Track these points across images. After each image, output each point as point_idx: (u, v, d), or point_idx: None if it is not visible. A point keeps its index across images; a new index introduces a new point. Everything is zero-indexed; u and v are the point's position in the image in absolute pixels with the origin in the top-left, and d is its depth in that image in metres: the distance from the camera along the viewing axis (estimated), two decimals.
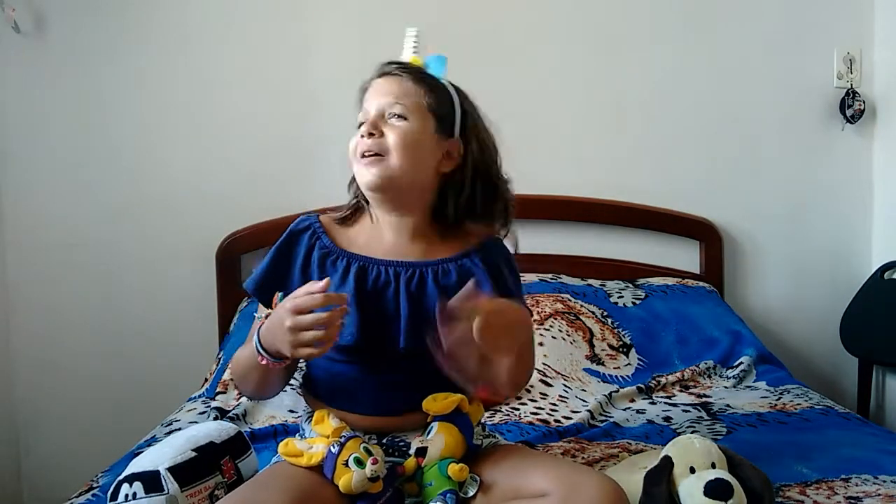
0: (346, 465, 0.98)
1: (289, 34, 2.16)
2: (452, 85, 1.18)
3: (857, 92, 2.22)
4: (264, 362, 1.04)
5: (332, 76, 2.13)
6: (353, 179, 1.16)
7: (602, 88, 2.24)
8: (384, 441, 1.08)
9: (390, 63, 1.15)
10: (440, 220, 1.15)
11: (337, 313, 0.98)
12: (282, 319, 0.98)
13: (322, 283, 0.98)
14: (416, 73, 1.14)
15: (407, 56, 1.17)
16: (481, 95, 2.32)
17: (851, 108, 2.22)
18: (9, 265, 2.15)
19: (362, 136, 1.10)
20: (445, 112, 1.14)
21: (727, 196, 2.26)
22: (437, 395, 1.06)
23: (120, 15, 2.13)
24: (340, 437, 1.01)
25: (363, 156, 1.09)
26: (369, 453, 0.99)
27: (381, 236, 1.14)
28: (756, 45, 2.24)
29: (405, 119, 1.10)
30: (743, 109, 2.26)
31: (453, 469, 1.00)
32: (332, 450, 0.99)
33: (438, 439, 1.03)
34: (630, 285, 2.11)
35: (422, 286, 1.09)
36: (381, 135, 1.09)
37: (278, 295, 1.12)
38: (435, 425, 1.05)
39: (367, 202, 1.16)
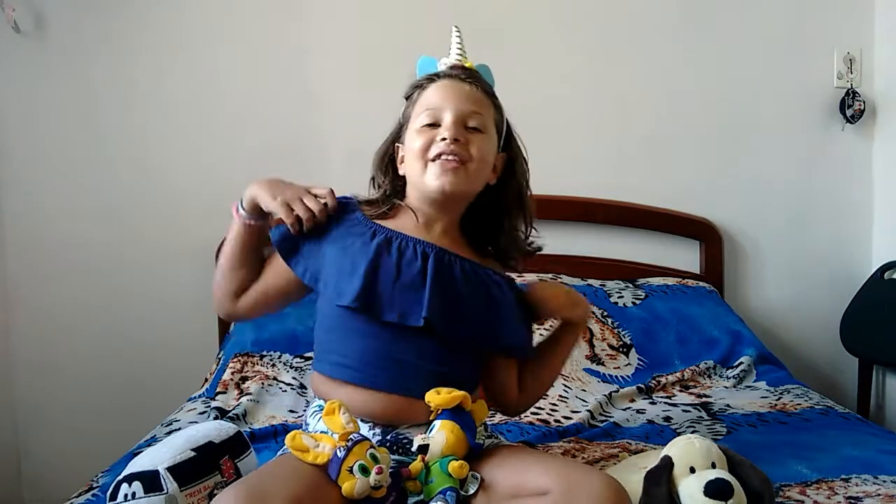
0: (351, 471, 0.97)
1: (288, 34, 2.16)
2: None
3: (857, 92, 2.23)
4: (237, 214, 1.15)
5: (331, 76, 2.14)
6: (384, 178, 1.20)
7: (602, 88, 2.24)
8: (388, 438, 1.08)
9: (462, 68, 1.16)
10: (468, 230, 1.20)
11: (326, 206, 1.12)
12: (295, 186, 1.14)
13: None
14: (486, 85, 1.17)
15: (455, 57, 1.18)
16: None
17: (851, 108, 2.22)
18: (8, 265, 2.15)
19: (444, 140, 1.09)
20: (502, 126, 1.20)
21: (727, 196, 2.26)
22: (441, 388, 1.06)
23: (119, 15, 2.13)
24: (347, 441, 1.00)
25: (442, 158, 1.10)
26: (375, 460, 0.99)
27: (413, 225, 1.16)
28: (756, 45, 2.25)
29: (482, 132, 1.13)
30: (743, 109, 2.26)
31: (453, 466, 1.00)
32: (339, 454, 0.98)
33: (440, 437, 1.03)
34: (630, 285, 2.11)
35: (449, 269, 1.11)
36: (466, 142, 1.11)
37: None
38: (437, 423, 1.05)
39: (400, 199, 1.19)
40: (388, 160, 1.20)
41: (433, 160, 1.10)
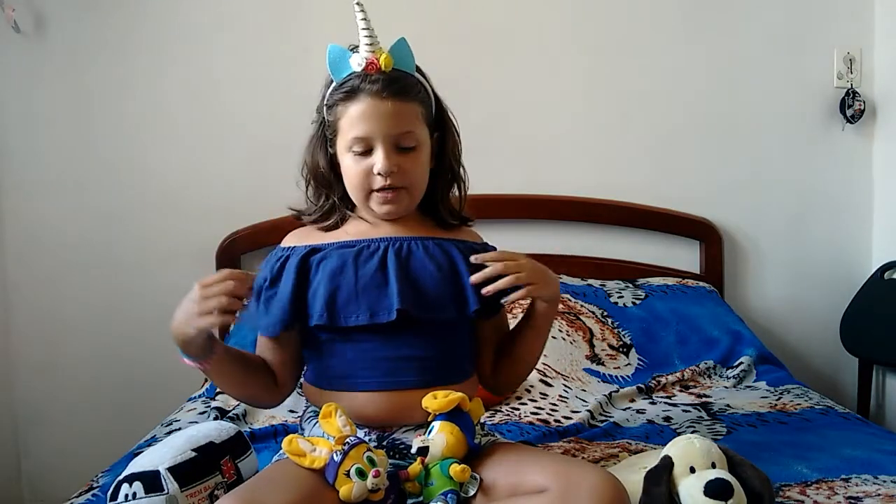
0: (348, 475, 0.97)
1: (288, 34, 2.16)
2: (421, 73, 1.15)
3: (857, 92, 2.22)
4: (186, 362, 1.07)
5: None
6: (332, 186, 1.16)
7: (602, 88, 2.24)
8: (384, 444, 1.07)
9: (381, 75, 1.08)
10: (432, 214, 1.19)
11: (239, 285, 1.02)
12: (188, 296, 1.02)
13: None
14: (413, 89, 1.11)
15: (365, 51, 1.09)
16: (482, 95, 2.33)
17: (851, 108, 2.22)
18: (8, 265, 2.15)
19: (380, 175, 1.08)
20: (431, 114, 1.15)
21: (727, 196, 2.26)
22: (438, 392, 1.06)
23: (119, 15, 2.13)
24: (344, 445, 0.99)
25: (383, 192, 1.09)
26: (372, 463, 0.98)
27: (368, 227, 1.15)
28: (756, 45, 2.24)
29: (416, 148, 1.10)
30: (743, 109, 2.26)
31: (455, 470, 1.00)
32: (335, 458, 0.98)
33: (440, 439, 1.03)
34: (630, 285, 2.11)
35: (407, 253, 1.11)
36: (402, 170, 1.09)
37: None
38: (436, 424, 1.05)
39: (348, 206, 1.17)
40: (329, 171, 1.16)
41: (374, 191, 1.10)
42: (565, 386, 1.75)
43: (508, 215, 2.13)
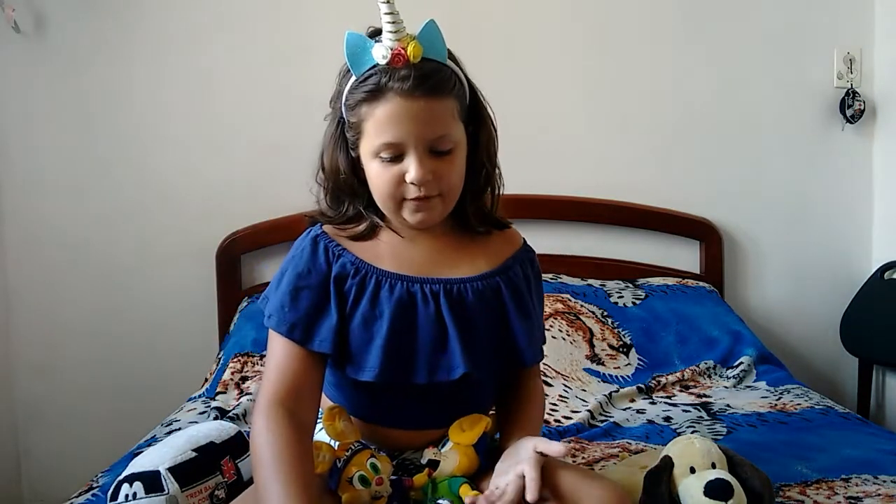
0: (351, 482, 0.95)
1: (290, 35, 2.16)
2: (453, 58, 1.02)
3: (857, 92, 2.22)
4: None
5: (332, 77, 2.13)
6: (358, 192, 1.03)
7: (602, 88, 2.24)
8: (394, 463, 1.04)
9: (410, 70, 0.94)
10: (460, 220, 1.07)
11: None
12: None
13: None
14: (447, 83, 0.97)
15: (389, 40, 0.96)
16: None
17: (851, 108, 2.22)
18: (8, 266, 2.15)
19: (413, 184, 0.95)
20: (466, 106, 1.02)
21: (727, 196, 2.26)
22: (463, 421, 1.02)
23: (120, 15, 2.13)
24: (347, 451, 0.97)
25: (417, 201, 0.97)
26: (376, 470, 0.96)
27: (407, 246, 1.04)
28: (756, 45, 2.25)
29: (451, 151, 0.97)
30: (743, 109, 2.26)
31: (466, 493, 0.97)
32: (338, 464, 0.96)
33: (453, 456, 1.01)
34: (630, 285, 2.11)
35: (461, 302, 1.00)
36: (438, 176, 0.96)
37: None
38: (451, 441, 1.02)
39: (375, 213, 1.04)
40: (352, 176, 1.02)
41: (407, 199, 0.98)
42: (565, 386, 1.75)
43: (508, 215, 2.10)
